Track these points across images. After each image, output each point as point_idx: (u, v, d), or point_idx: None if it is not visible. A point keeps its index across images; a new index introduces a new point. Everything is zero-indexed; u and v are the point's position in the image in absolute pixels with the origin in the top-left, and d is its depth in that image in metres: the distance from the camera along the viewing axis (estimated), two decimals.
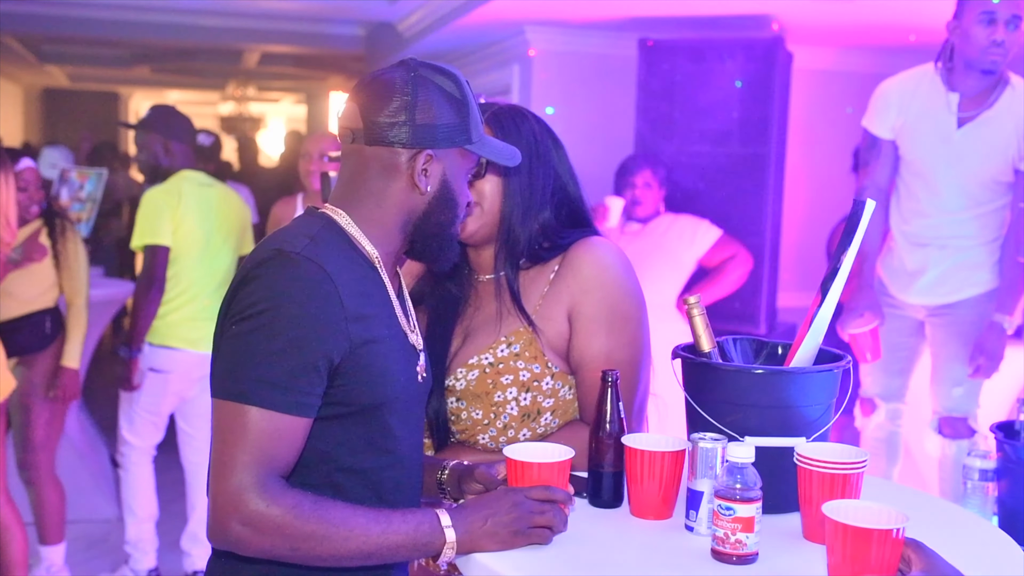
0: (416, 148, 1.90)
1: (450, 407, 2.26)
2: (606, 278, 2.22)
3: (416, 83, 1.90)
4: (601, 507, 2.04)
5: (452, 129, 1.91)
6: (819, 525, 1.86)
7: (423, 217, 1.95)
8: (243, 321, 1.76)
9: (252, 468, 1.71)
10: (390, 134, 1.89)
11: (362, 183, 1.94)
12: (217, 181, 4.91)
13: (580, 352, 2.22)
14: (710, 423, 2.00)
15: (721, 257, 5.02)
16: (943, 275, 4.20)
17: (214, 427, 1.77)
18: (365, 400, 1.86)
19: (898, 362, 4.41)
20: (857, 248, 2.05)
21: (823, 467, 1.84)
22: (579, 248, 2.25)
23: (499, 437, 2.23)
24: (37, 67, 13.25)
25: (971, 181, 4.10)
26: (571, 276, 2.23)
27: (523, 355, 2.22)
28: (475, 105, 1.98)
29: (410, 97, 1.89)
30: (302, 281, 1.77)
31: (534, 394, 2.22)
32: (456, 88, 1.93)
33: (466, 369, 2.24)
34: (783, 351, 2.20)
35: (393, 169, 1.92)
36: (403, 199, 1.93)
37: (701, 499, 1.89)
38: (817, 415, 2.00)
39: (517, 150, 2.06)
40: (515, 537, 1.78)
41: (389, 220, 1.94)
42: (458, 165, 1.96)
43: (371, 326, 1.86)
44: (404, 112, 1.89)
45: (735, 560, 1.76)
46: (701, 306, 2.11)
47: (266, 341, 1.74)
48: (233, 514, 1.71)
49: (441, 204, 1.95)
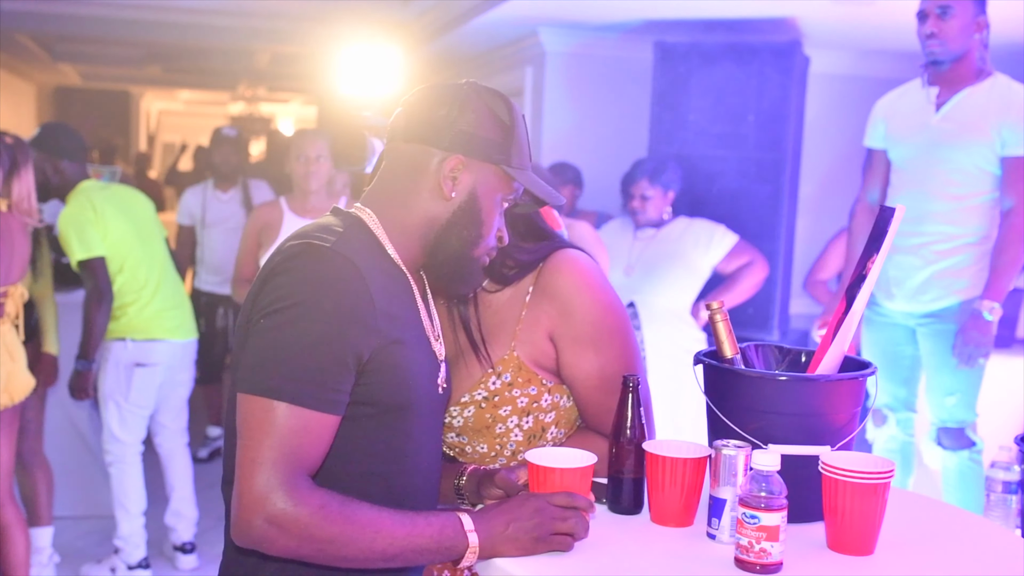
0: (449, 151, 1.89)
1: (451, 441, 2.21)
2: (585, 297, 2.13)
3: (467, 96, 1.92)
4: (621, 513, 2.01)
5: (491, 145, 1.90)
6: (844, 535, 1.84)
7: (444, 228, 1.91)
8: (273, 315, 1.74)
9: (279, 466, 1.68)
10: (428, 132, 1.90)
11: (392, 181, 1.94)
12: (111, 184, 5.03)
13: (571, 372, 2.15)
14: (732, 430, 1.98)
15: (737, 263, 4.96)
16: (925, 282, 4.19)
17: (240, 423, 1.73)
18: (388, 401, 1.83)
19: (901, 371, 4.39)
20: (885, 255, 2.03)
21: (849, 476, 1.82)
22: (551, 266, 2.15)
23: (510, 462, 2.19)
24: (50, 65, 13.27)
25: (952, 168, 4.12)
26: (547, 299, 2.13)
27: (516, 382, 2.14)
28: (524, 138, 1.97)
29: (458, 105, 1.91)
30: (333, 275, 1.75)
31: (535, 415, 2.16)
32: (507, 112, 1.94)
33: (460, 407, 2.16)
34: (806, 358, 2.17)
35: (424, 169, 1.91)
36: (428, 204, 1.91)
37: (724, 507, 1.86)
38: (842, 423, 1.98)
39: (561, 196, 2.04)
40: (536, 543, 1.76)
41: (411, 225, 1.92)
42: (492, 185, 1.93)
43: (399, 326, 1.84)
44: (447, 116, 1.89)
45: (759, 569, 1.73)
46: (724, 312, 2.09)
47: (297, 335, 1.71)
48: (259, 513, 1.67)
49: (465, 218, 1.91)
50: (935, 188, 4.15)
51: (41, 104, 16.00)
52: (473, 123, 1.90)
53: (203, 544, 5.16)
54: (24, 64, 13.11)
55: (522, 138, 1.95)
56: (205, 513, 5.33)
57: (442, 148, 1.89)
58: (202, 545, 5.15)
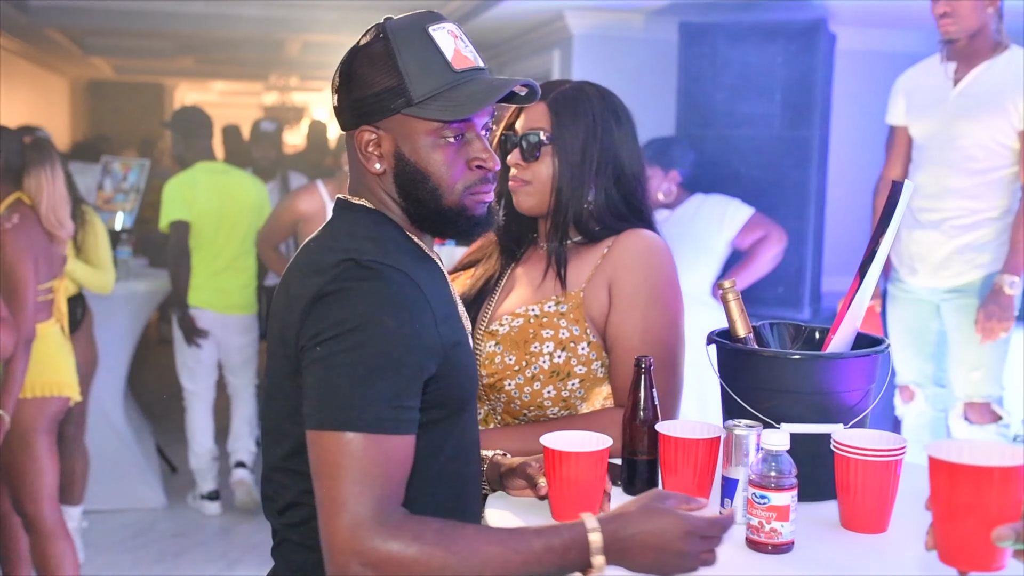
0: (356, 128, 1.78)
1: (487, 351, 2.28)
2: (649, 262, 2.28)
3: (349, 60, 1.78)
4: (634, 495, 2.00)
5: (384, 96, 1.73)
6: (857, 513, 1.83)
7: (404, 198, 1.79)
8: (330, 341, 1.60)
9: (365, 499, 1.54)
10: (338, 118, 1.81)
11: (353, 170, 1.86)
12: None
13: (616, 326, 2.25)
14: (745, 410, 1.97)
15: (753, 238, 4.85)
16: (947, 257, 4.20)
17: (316, 462, 1.59)
18: (455, 403, 1.76)
19: (927, 347, 4.40)
20: (895, 230, 2.01)
21: (861, 454, 1.81)
22: (629, 234, 2.31)
23: (524, 387, 2.25)
24: (82, 60, 13.35)
25: (971, 143, 4.12)
26: (617, 256, 2.27)
27: (567, 316, 2.26)
28: (423, 55, 1.73)
29: (341, 76, 1.78)
30: (391, 292, 1.64)
31: (568, 355, 2.24)
32: (382, 44, 1.74)
33: (511, 316, 2.29)
34: (820, 336, 2.17)
35: (353, 152, 1.81)
36: (375, 184, 1.81)
37: (736, 487, 1.86)
38: (855, 401, 1.97)
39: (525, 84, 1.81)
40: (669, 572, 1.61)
41: (387, 205, 1.82)
42: (409, 134, 1.75)
43: (453, 326, 1.77)
44: (340, 93, 1.79)
45: (770, 549, 1.73)
46: (736, 291, 2.09)
47: (363, 360, 1.58)
48: (352, 555, 1.52)
49: (408, 181, 1.77)
50: (955, 163, 4.15)
51: (75, 99, 16.10)
52: (360, 85, 1.74)
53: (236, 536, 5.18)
54: (56, 59, 13.19)
55: (419, 58, 1.72)
56: None
57: (349, 128, 1.79)
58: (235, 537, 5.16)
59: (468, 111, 1.71)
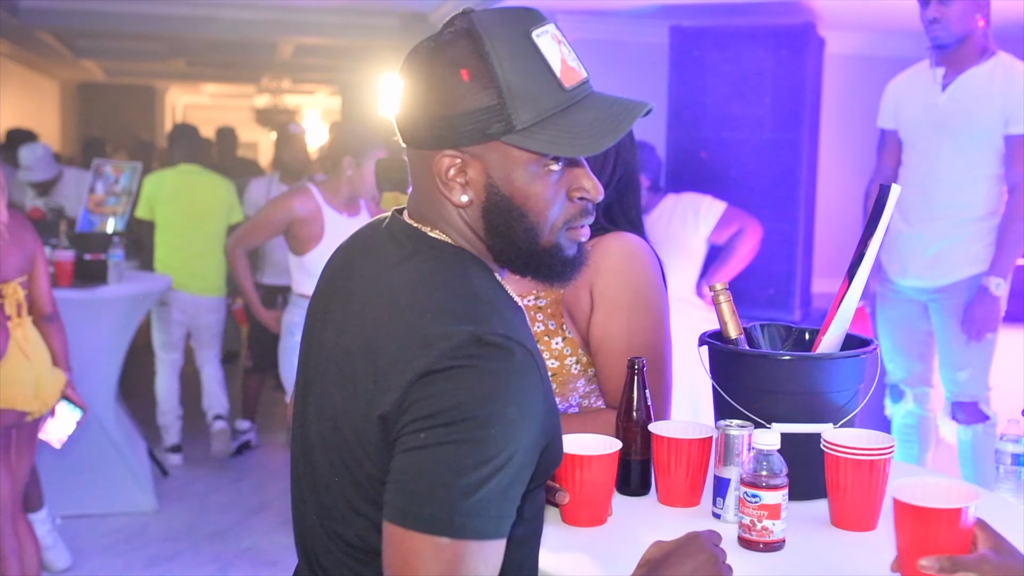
0: (435, 149, 1.45)
1: None
2: (632, 265, 2.24)
3: (429, 58, 1.45)
4: (629, 495, 2.04)
5: (479, 117, 1.40)
6: (847, 511, 1.86)
7: (490, 232, 1.48)
8: (439, 429, 1.32)
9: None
10: (407, 132, 1.49)
11: (420, 194, 1.53)
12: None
13: (601, 331, 2.22)
14: (737, 410, 2.00)
15: (729, 233, 4.87)
16: (934, 258, 4.25)
17: (397, 563, 1.33)
18: (546, 474, 1.50)
19: (916, 346, 4.44)
20: (883, 234, 2.04)
21: (850, 453, 1.84)
22: (611, 237, 2.26)
23: None
24: (73, 62, 13.33)
25: (962, 142, 4.17)
26: (599, 258, 2.21)
27: (546, 310, 2.25)
28: (531, 71, 1.41)
29: (416, 83, 1.46)
30: (515, 375, 1.35)
31: (542, 348, 2.22)
32: (473, 47, 1.41)
33: None
34: (811, 337, 2.19)
35: (427, 175, 1.48)
36: (453, 213, 1.49)
37: (728, 486, 1.89)
38: (844, 401, 2.00)
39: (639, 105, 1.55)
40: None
41: (467, 239, 1.51)
42: (507, 164, 1.43)
43: (555, 402, 1.50)
44: (416, 99, 1.45)
45: (762, 547, 1.76)
46: (728, 292, 2.11)
47: (478, 455, 1.31)
48: None
49: (500, 217, 1.46)
50: (942, 166, 4.20)
51: (65, 101, 16.08)
52: (446, 98, 1.41)
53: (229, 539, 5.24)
54: (46, 61, 13.17)
55: (523, 71, 1.40)
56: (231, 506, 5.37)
57: (427, 148, 1.46)
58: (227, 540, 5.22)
59: (591, 148, 1.41)
